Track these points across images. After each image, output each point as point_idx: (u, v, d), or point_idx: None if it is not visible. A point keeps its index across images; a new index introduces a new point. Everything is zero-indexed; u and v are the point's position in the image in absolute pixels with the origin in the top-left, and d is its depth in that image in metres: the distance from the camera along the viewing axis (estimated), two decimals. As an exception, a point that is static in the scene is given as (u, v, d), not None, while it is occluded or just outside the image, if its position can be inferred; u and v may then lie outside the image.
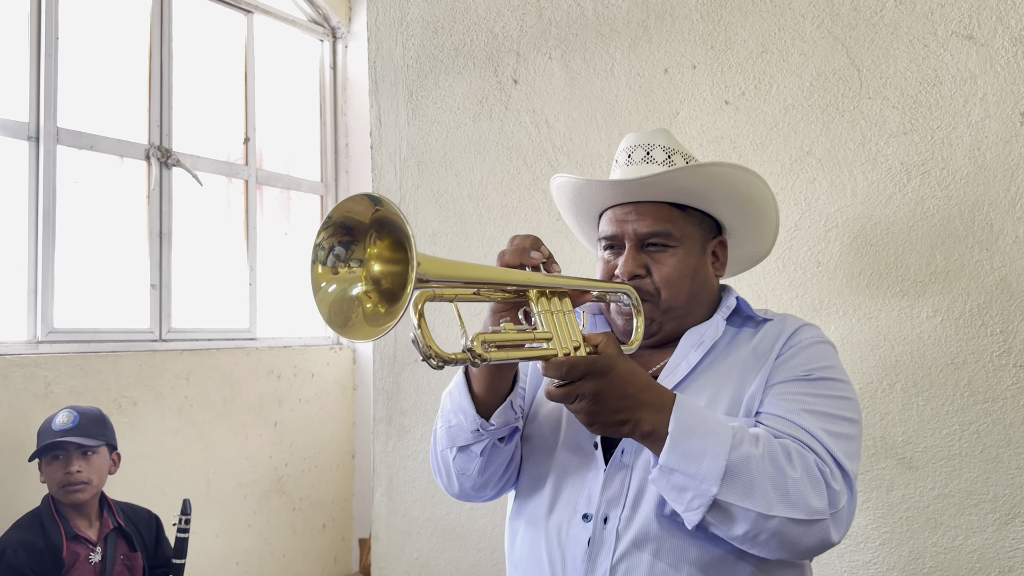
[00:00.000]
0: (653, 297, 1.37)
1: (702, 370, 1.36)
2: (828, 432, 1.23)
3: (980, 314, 1.80)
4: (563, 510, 1.32)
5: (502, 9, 2.46)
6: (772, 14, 2.04)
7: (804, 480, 1.15)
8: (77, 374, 3.27)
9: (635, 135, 1.47)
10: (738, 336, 1.41)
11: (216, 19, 4.17)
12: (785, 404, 1.27)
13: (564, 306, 1.19)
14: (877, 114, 1.92)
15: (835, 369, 1.34)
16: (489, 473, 1.36)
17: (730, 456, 1.13)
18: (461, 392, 1.30)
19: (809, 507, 1.15)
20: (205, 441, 3.77)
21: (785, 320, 1.41)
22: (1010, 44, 1.79)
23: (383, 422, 2.66)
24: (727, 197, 1.41)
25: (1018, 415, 1.76)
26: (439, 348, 1.04)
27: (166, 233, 3.75)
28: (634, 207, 1.39)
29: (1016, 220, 1.77)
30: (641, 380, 1.15)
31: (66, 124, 3.41)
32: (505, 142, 2.45)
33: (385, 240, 1.01)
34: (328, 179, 4.70)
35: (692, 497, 1.14)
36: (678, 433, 1.13)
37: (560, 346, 1.14)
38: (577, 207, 1.51)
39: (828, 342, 1.39)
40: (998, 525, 1.78)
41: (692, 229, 1.40)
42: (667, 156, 1.41)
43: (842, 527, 1.20)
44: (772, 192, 1.46)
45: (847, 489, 1.20)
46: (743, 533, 1.15)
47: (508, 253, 1.23)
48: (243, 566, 3.94)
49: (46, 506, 2.68)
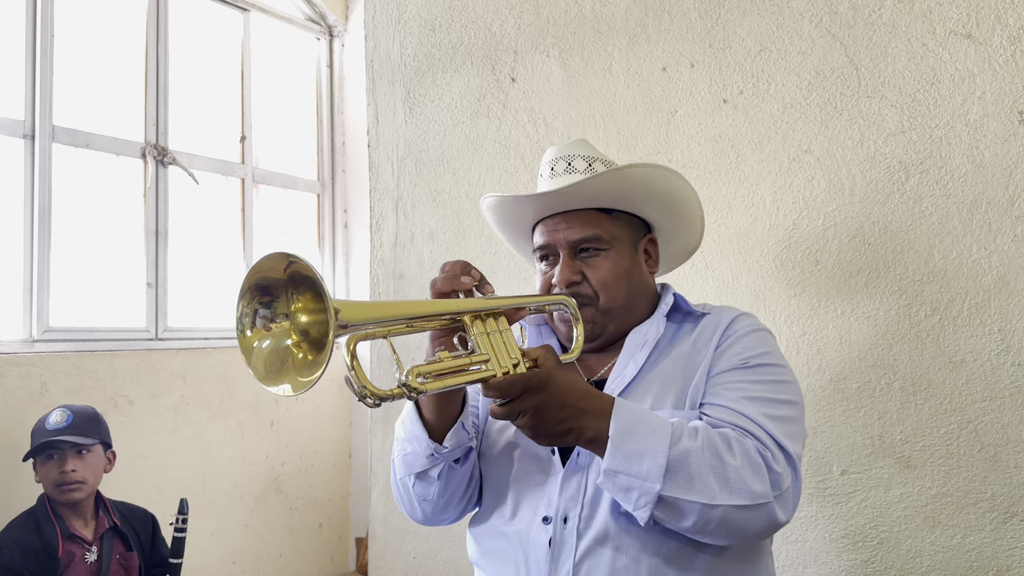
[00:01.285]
0: (593, 301, 1.42)
1: (647, 368, 1.40)
2: (768, 416, 1.27)
3: (978, 313, 1.80)
4: (525, 515, 1.36)
5: (500, 7, 2.45)
6: (771, 12, 2.04)
7: (744, 466, 1.19)
8: (73, 373, 3.25)
9: (556, 148, 1.52)
10: (679, 332, 1.45)
11: (212, 17, 4.16)
12: (726, 393, 1.32)
13: (500, 325, 1.23)
14: (875, 113, 1.91)
15: (772, 355, 1.38)
16: (448, 495, 1.40)
17: (670, 452, 1.17)
18: (412, 420, 1.34)
19: (752, 492, 1.18)
20: (201, 440, 3.76)
21: (722, 312, 1.46)
22: (1008, 43, 1.78)
23: (380, 421, 2.65)
24: (648, 196, 1.46)
25: (1016, 414, 1.76)
26: (374, 387, 1.07)
27: (162, 232, 3.73)
28: (563, 217, 1.44)
29: (1014, 219, 1.77)
30: (579, 389, 1.19)
31: (62, 122, 3.40)
32: (503, 141, 2.45)
33: (305, 293, 1.04)
34: (325, 178, 4.69)
35: (638, 496, 1.17)
36: (618, 436, 1.17)
37: (498, 366, 1.18)
38: (510, 224, 1.57)
39: (764, 329, 1.44)
40: (996, 524, 1.78)
41: (621, 231, 1.45)
42: (588, 164, 1.47)
43: (788, 507, 1.24)
44: (691, 186, 1.51)
45: (791, 470, 1.24)
46: (692, 524, 1.19)
47: (439, 281, 1.27)
48: (239, 565, 3.93)
49: (41, 505, 2.66)
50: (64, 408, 2.73)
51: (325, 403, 4.45)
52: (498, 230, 1.63)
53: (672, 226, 1.54)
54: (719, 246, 2.08)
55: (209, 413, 3.80)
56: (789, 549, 1.97)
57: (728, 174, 2.08)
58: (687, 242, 1.60)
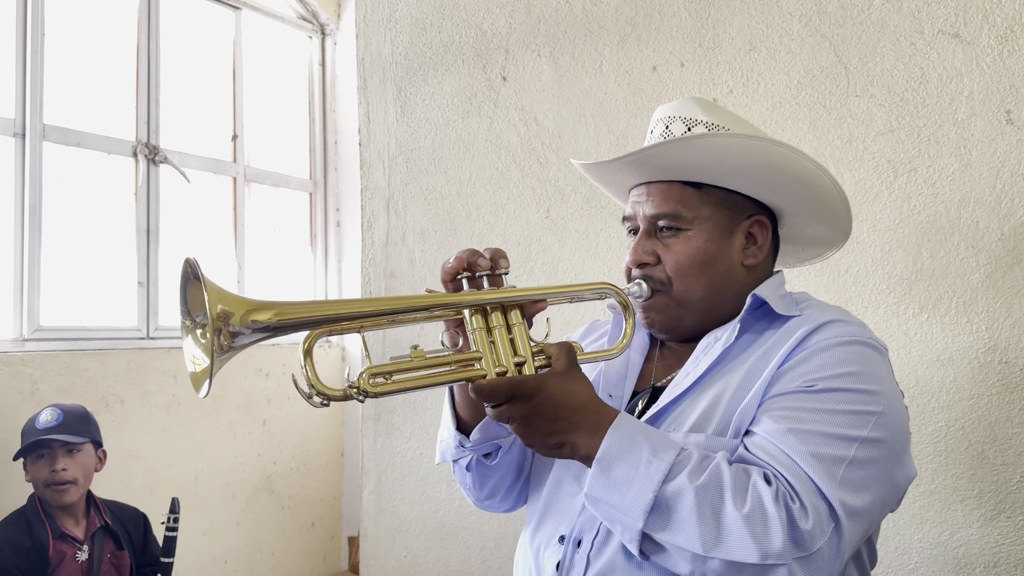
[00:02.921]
0: (666, 287, 1.23)
1: (708, 381, 1.19)
2: (816, 456, 1.03)
3: (966, 311, 1.81)
4: (546, 529, 1.26)
5: (491, 6, 2.45)
6: (760, 12, 2.04)
7: (755, 517, 0.98)
8: (64, 372, 3.25)
9: (665, 106, 1.31)
10: (761, 336, 1.21)
11: (204, 15, 4.15)
12: (772, 423, 1.08)
13: (512, 319, 1.12)
14: (864, 112, 1.92)
15: (856, 377, 1.10)
16: (490, 487, 1.34)
17: (661, 488, 1.00)
18: (447, 408, 1.29)
19: (759, 550, 0.97)
20: (193, 439, 3.75)
21: (811, 316, 1.20)
22: (996, 42, 1.79)
23: (372, 420, 2.65)
24: (744, 170, 1.23)
25: (1003, 412, 1.77)
26: (324, 385, 1.02)
27: (153, 230, 3.73)
28: (646, 187, 1.27)
29: (1002, 218, 1.78)
30: (576, 401, 1.06)
31: (52, 121, 3.39)
32: (494, 139, 2.45)
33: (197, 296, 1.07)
34: (317, 176, 4.68)
35: (622, 530, 1.04)
36: (605, 460, 1.03)
37: (491, 366, 1.08)
38: (608, 187, 1.40)
39: (861, 342, 1.15)
40: (984, 521, 1.79)
41: (710, 209, 1.24)
42: (687, 128, 1.25)
43: (817, 572, 0.99)
44: (814, 161, 1.25)
45: (829, 527, 1.00)
46: (688, 573, 1.02)
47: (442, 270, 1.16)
48: (231, 565, 3.93)
49: (32, 505, 2.66)
50: (54, 407, 2.73)
51: (317, 402, 4.44)
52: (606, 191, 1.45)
53: (793, 208, 1.29)
54: (709, 245, 2.08)
55: (201, 412, 3.80)
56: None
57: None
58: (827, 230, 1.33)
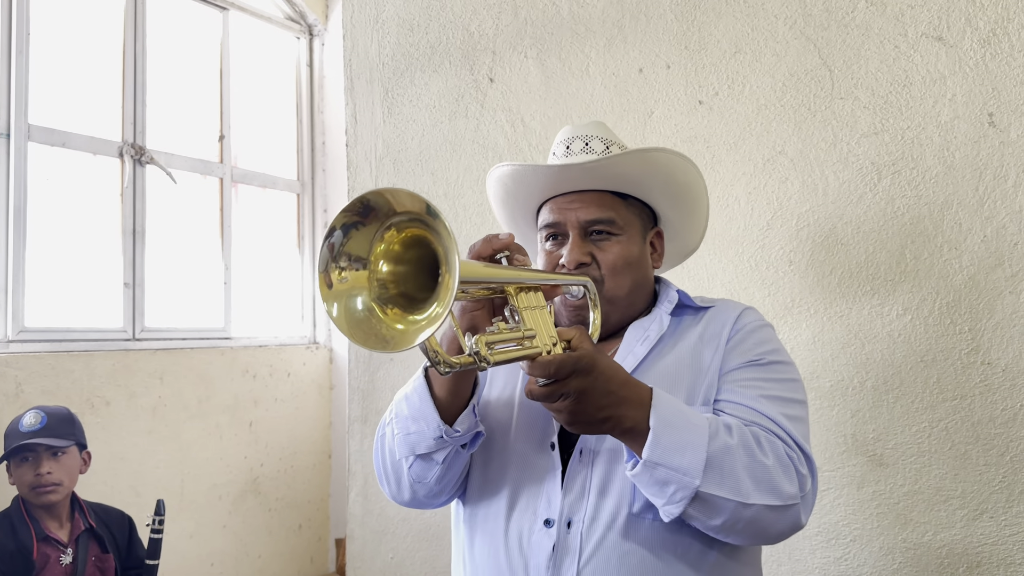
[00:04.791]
0: (597, 285, 1.36)
1: (649, 364, 1.35)
2: (787, 416, 1.25)
3: (949, 312, 1.82)
4: (522, 516, 1.29)
5: (478, 8, 2.45)
6: (745, 15, 2.05)
7: (777, 467, 1.18)
8: (49, 374, 3.22)
9: (572, 127, 1.47)
10: (680, 326, 1.40)
11: (191, 15, 4.13)
12: (744, 391, 1.28)
13: (539, 300, 1.17)
14: (848, 114, 1.93)
15: (780, 351, 1.36)
16: (446, 480, 1.32)
17: (709, 447, 1.13)
18: (422, 398, 1.26)
19: (783, 493, 1.17)
20: (179, 441, 3.73)
21: (727, 305, 1.43)
22: (979, 46, 1.81)
23: (358, 421, 2.65)
24: (666, 184, 1.42)
25: (986, 412, 1.78)
26: (445, 353, 1.01)
27: (139, 231, 3.71)
28: (577, 195, 1.40)
29: (984, 220, 1.80)
30: (621, 376, 1.13)
31: (38, 121, 3.36)
32: (481, 140, 2.45)
33: (402, 232, 0.97)
34: (304, 177, 4.67)
35: (675, 490, 1.13)
36: (660, 428, 1.12)
37: (543, 343, 1.11)
38: (516, 199, 1.50)
39: (769, 324, 1.41)
40: (966, 521, 1.80)
41: (633, 218, 1.41)
42: (605, 147, 1.42)
43: (809, 509, 1.23)
44: (705, 182, 1.49)
45: (809, 472, 1.23)
46: (722, 523, 1.15)
47: (480, 244, 1.20)
48: (218, 567, 3.91)
49: (16, 507, 2.64)
50: (38, 410, 2.71)
51: (304, 404, 4.43)
52: (500, 206, 1.55)
53: (679, 221, 1.50)
54: (695, 246, 2.09)
55: (187, 414, 3.77)
56: (763, 546, 1.98)
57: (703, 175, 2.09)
58: (688, 242, 1.56)
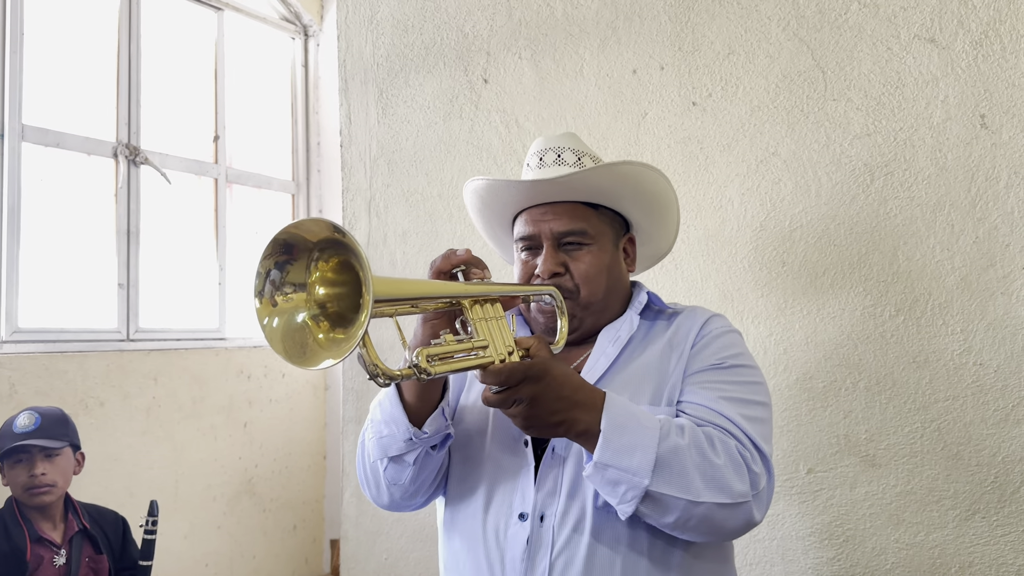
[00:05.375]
0: (572, 294, 1.43)
1: (620, 365, 1.42)
2: (745, 417, 1.30)
3: (941, 313, 1.83)
4: (498, 511, 1.35)
5: (472, 9, 2.46)
6: (739, 16, 2.06)
7: (728, 466, 1.22)
8: (43, 374, 3.22)
9: (544, 139, 1.52)
10: (652, 329, 1.47)
11: (186, 16, 4.13)
12: (704, 392, 1.34)
13: (496, 312, 1.23)
14: (841, 116, 1.94)
15: (744, 356, 1.42)
16: (420, 481, 1.38)
17: (659, 448, 1.18)
18: (392, 402, 1.32)
19: (733, 491, 1.21)
20: (173, 442, 3.73)
21: (695, 312, 1.48)
22: (971, 47, 1.81)
23: (353, 422, 2.64)
24: (636, 195, 1.48)
25: (978, 413, 1.79)
26: (385, 366, 1.05)
27: (134, 232, 3.70)
28: (550, 207, 1.45)
29: (976, 221, 1.80)
30: (574, 382, 1.19)
31: (32, 121, 3.36)
32: (475, 141, 2.45)
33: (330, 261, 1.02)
34: (299, 178, 4.67)
35: (625, 490, 1.18)
36: (610, 430, 1.18)
37: (496, 353, 1.17)
38: (491, 210, 1.56)
39: (736, 331, 1.47)
40: (959, 521, 1.80)
41: (605, 227, 1.47)
42: (577, 158, 1.48)
43: (763, 507, 1.27)
44: (674, 190, 1.54)
45: (766, 471, 1.27)
46: (674, 520, 1.21)
47: (439, 260, 1.28)
48: (212, 568, 3.90)
49: (9, 508, 2.63)
50: (32, 411, 2.70)
51: (299, 405, 4.43)
52: (477, 216, 1.61)
53: (651, 228, 1.56)
54: (688, 247, 2.10)
55: (181, 415, 3.77)
56: (756, 547, 1.99)
57: (697, 176, 2.10)
58: (660, 245, 1.62)
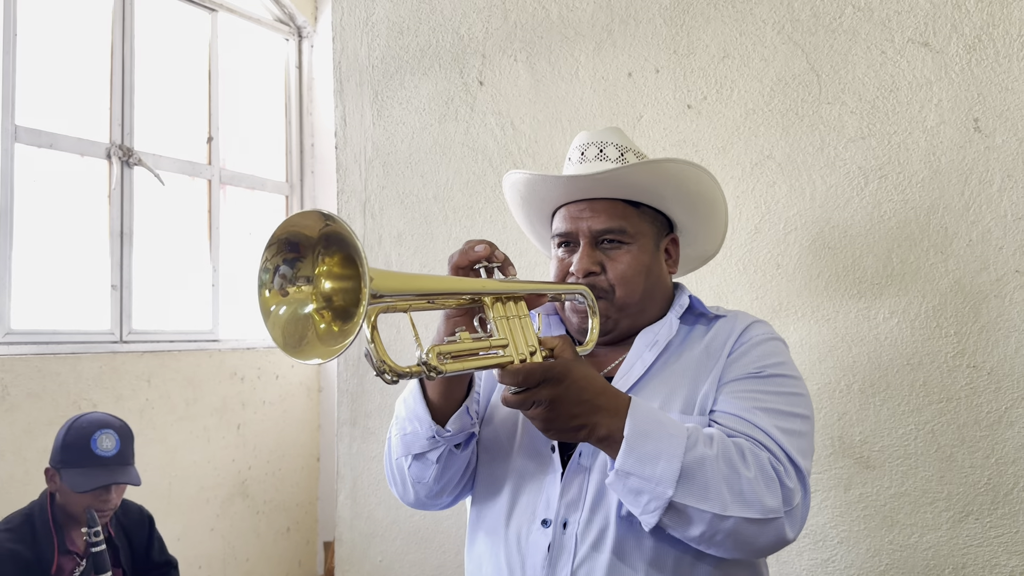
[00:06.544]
0: (608, 294, 1.37)
1: (656, 370, 1.36)
2: (781, 429, 1.24)
3: (935, 316, 1.84)
4: (522, 516, 1.32)
5: (468, 11, 2.46)
6: (734, 20, 2.06)
7: (758, 479, 1.16)
8: (36, 376, 3.21)
9: (588, 133, 1.47)
10: (691, 334, 1.41)
11: (179, 17, 4.13)
12: (738, 402, 1.27)
13: (520, 310, 1.19)
14: (836, 119, 1.95)
15: (786, 365, 1.35)
16: (445, 480, 1.35)
17: (685, 458, 1.13)
18: (416, 399, 1.29)
19: (764, 506, 1.15)
20: (167, 444, 3.72)
21: (736, 317, 1.42)
22: (964, 51, 1.82)
23: (347, 424, 2.64)
24: (679, 194, 1.41)
25: (971, 415, 1.80)
26: (393, 362, 1.02)
27: (127, 233, 3.69)
28: (588, 204, 1.39)
29: (970, 224, 1.81)
30: (597, 385, 1.14)
31: (25, 122, 3.35)
32: (471, 144, 2.45)
33: (334, 256, 0.99)
34: (293, 179, 4.66)
35: (648, 500, 1.14)
36: (633, 437, 1.13)
37: (516, 352, 1.13)
38: (530, 204, 1.51)
39: (778, 338, 1.40)
40: (952, 523, 1.81)
41: (646, 226, 1.41)
42: (620, 154, 1.42)
43: (797, 524, 1.21)
44: (722, 190, 1.48)
45: (801, 486, 1.21)
46: (699, 534, 1.15)
47: (457, 255, 1.23)
48: (205, 570, 3.89)
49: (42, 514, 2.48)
50: (109, 430, 2.51)
51: (293, 406, 4.42)
52: (516, 210, 1.57)
53: (695, 228, 1.50)
54: (683, 249, 2.10)
55: (175, 416, 3.76)
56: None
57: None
58: (707, 247, 1.56)
